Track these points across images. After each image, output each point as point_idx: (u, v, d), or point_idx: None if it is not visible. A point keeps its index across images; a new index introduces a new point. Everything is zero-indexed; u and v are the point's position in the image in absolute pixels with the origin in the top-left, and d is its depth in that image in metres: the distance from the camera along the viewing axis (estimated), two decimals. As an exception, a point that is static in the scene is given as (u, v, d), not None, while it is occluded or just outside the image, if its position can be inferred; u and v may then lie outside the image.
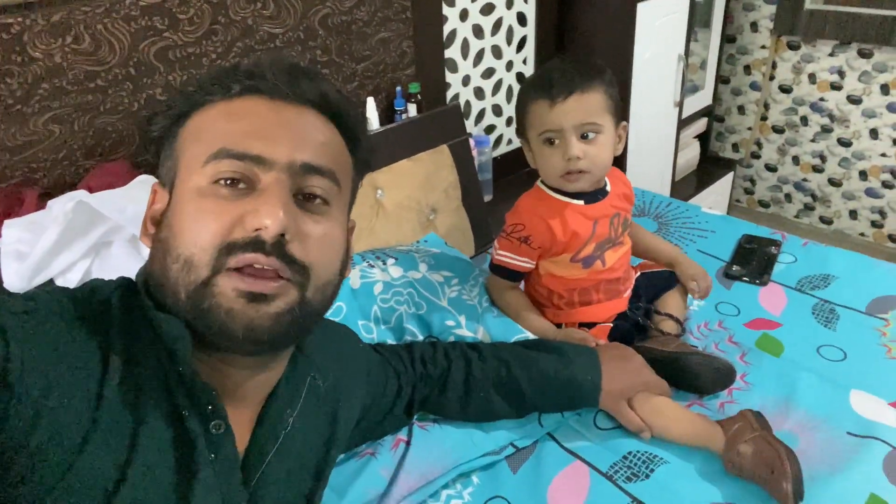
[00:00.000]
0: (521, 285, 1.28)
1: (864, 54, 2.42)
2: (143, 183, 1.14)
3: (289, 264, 0.60)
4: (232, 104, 0.64)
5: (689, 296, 1.29)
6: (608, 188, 1.19)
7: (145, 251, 1.09)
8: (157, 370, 0.60)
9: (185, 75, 1.32)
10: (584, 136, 1.08)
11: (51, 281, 1.05)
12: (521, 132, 1.16)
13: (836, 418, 1.06)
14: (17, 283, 1.02)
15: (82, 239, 1.05)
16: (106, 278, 0.95)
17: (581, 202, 1.15)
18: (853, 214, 2.67)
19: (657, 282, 1.28)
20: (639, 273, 1.30)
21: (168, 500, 0.58)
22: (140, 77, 1.26)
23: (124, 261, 1.09)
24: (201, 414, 0.61)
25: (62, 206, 1.03)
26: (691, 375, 1.12)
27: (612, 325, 1.19)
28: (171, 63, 1.30)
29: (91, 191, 1.18)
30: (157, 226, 0.64)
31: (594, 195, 1.16)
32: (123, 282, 0.65)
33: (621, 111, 1.13)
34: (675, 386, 1.12)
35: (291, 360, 0.73)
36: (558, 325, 1.21)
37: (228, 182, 0.60)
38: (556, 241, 1.15)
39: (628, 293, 1.25)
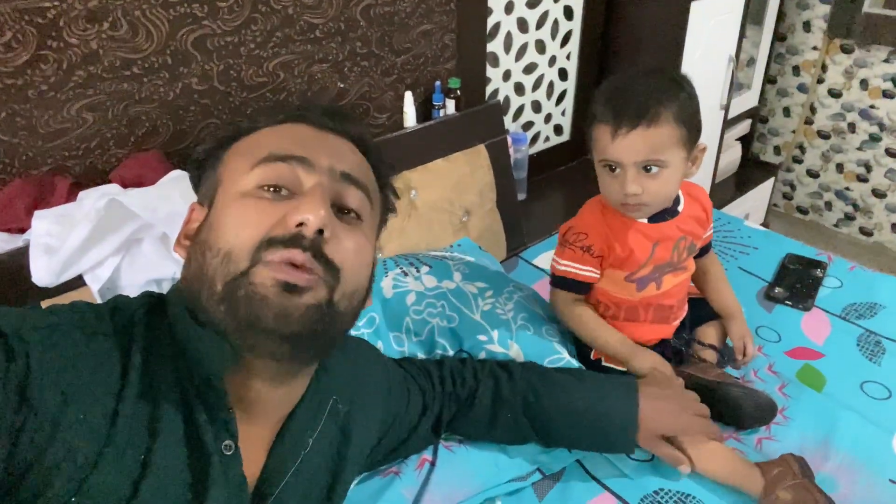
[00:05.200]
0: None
1: (922, 63, 2.31)
2: (176, 180, 1.12)
3: (323, 264, 0.61)
4: (278, 127, 0.69)
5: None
6: (680, 207, 1.10)
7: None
8: (175, 386, 0.60)
9: (223, 65, 1.28)
10: (646, 169, 0.99)
11: (79, 277, 1.03)
12: (588, 142, 1.08)
13: (877, 463, 1.02)
14: (45, 277, 1.00)
15: (113, 235, 1.03)
16: (135, 275, 0.94)
17: (644, 220, 1.08)
18: (895, 228, 2.58)
19: (700, 310, 1.23)
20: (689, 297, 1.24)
21: None
22: (176, 66, 1.23)
23: (154, 258, 1.07)
24: (216, 432, 0.61)
25: (94, 201, 1.01)
26: (731, 407, 1.08)
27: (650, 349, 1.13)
28: (209, 52, 1.26)
29: (123, 181, 1.16)
30: (194, 236, 0.66)
31: (660, 215, 1.08)
32: (148, 299, 0.66)
33: (698, 133, 1.02)
34: (713, 416, 1.08)
35: (314, 378, 0.73)
36: None
37: (272, 189, 0.63)
38: (614, 255, 1.09)
39: (677, 323, 1.19)
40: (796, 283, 1.45)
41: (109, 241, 1.03)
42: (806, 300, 1.39)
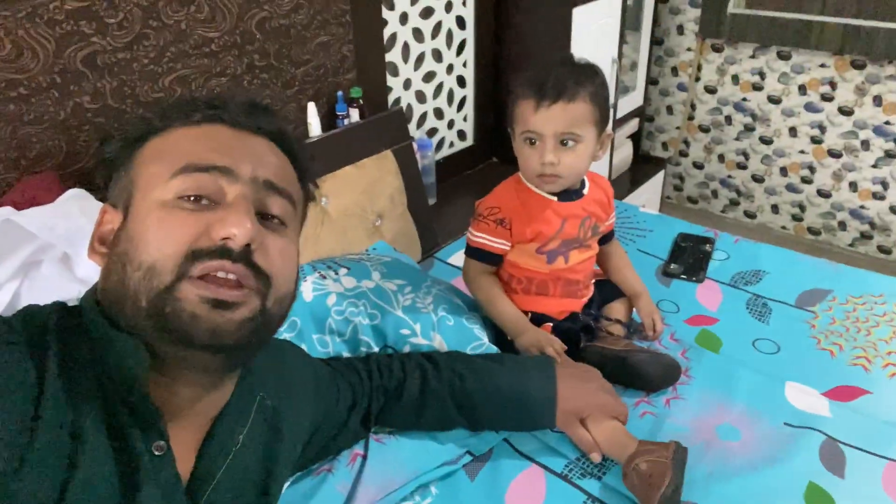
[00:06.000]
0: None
1: (782, 56, 2.55)
2: (74, 198, 1.08)
3: (254, 273, 0.62)
4: (193, 129, 0.67)
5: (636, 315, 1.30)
6: (585, 190, 1.20)
7: (78, 270, 1.05)
8: (98, 390, 0.59)
9: (115, 81, 1.26)
10: (563, 143, 1.09)
11: (-25, 305, 0.98)
12: (509, 123, 1.16)
13: (773, 410, 1.12)
14: (-64, 308, 0.95)
15: (10, 259, 0.98)
16: (36, 299, 0.91)
17: (554, 199, 1.17)
18: (775, 209, 2.81)
19: (606, 290, 1.31)
20: (594, 280, 1.32)
21: None
22: (66, 84, 1.19)
23: (55, 280, 1.03)
24: (144, 433, 0.61)
25: (-14, 224, 0.96)
26: (640, 373, 1.15)
27: (551, 324, 1.20)
28: (100, 69, 1.23)
29: (16, 205, 1.11)
30: (111, 244, 0.64)
31: (568, 194, 1.18)
32: (59, 305, 0.66)
33: (607, 118, 1.13)
34: (625, 384, 1.16)
35: (241, 379, 0.74)
36: None
37: (193, 198, 0.62)
38: (523, 230, 1.16)
39: (586, 300, 1.27)
40: (689, 258, 1.56)
41: (6, 266, 0.98)
42: (698, 273, 1.51)
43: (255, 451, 0.74)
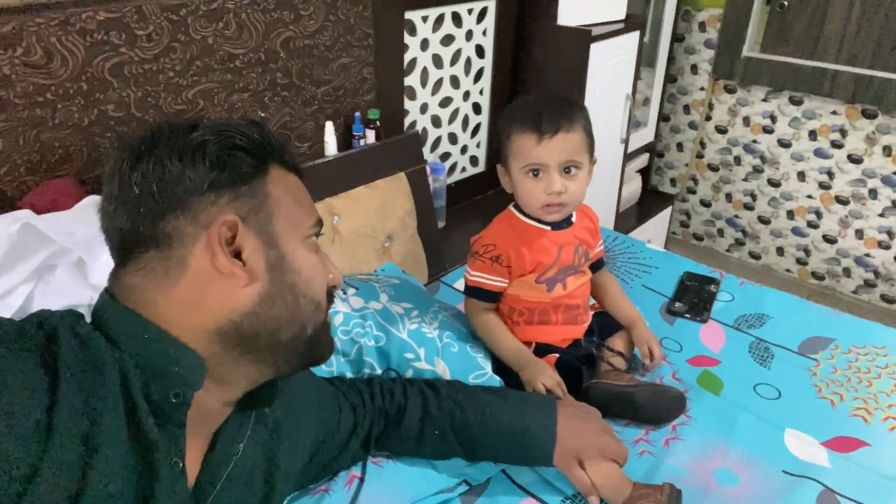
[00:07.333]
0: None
1: (794, 101, 2.58)
2: (93, 204, 1.09)
3: None
4: (292, 176, 0.75)
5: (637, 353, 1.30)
6: (573, 219, 1.23)
7: (91, 276, 1.06)
8: (120, 402, 0.60)
9: (140, 92, 1.28)
10: (566, 171, 1.12)
11: (-11, 305, 0.99)
12: (501, 160, 1.19)
13: (772, 457, 1.11)
14: (-50, 306, 0.96)
15: (25, 262, 1.00)
16: (49, 303, 0.93)
17: (549, 228, 1.19)
18: (780, 251, 2.82)
19: (609, 322, 1.32)
20: (593, 312, 1.33)
21: None
22: (92, 92, 1.22)
23: (68, 285, 1.04)
24: (167, 446, 0.62)
25: (5, 227, 0.97)
26: (647, 408, 1.15)
27: (557, 356, 1.20)
28: (126, 79, 1.26)
29: (35, 208, 1.13)
30: (267, 269, 0.68)
31: (560, 224, 1.20)
32: (71, 313, 0.66)
33: (594, 147, 1.18)
34: (631, 418, 1.17)
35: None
36: None
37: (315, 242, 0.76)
38: (523, 263, 1.18)
39: (586, 325, 1.28)
40: (694, 298, 1.57)
41: (21, 268, 1.00)
42: (703, 313, 1.51)
43: (255, 461, 0.77)
